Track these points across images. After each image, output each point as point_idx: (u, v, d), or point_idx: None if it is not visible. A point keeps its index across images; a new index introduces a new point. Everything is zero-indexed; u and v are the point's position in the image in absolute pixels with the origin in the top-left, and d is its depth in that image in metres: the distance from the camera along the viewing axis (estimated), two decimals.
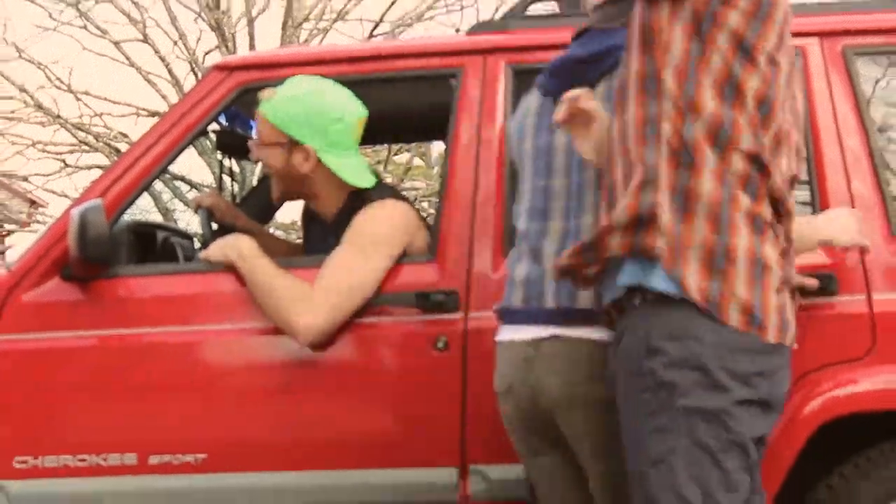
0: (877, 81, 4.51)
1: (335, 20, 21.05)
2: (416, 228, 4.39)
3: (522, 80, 4.40)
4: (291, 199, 4.67)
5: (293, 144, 4.41)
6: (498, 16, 5.02)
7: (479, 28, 4.83)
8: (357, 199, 4.43)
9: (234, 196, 5.82)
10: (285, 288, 4.19)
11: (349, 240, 4.28)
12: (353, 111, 4.47)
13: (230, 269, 4.26)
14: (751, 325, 2.99)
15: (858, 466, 4.12)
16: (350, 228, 4.31)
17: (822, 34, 4.45)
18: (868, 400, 4.14)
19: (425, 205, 21.92)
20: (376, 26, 21.01)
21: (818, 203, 4.33)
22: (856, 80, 4.38)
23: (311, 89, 4.43)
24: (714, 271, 2.99)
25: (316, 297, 4.16)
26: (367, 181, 4.47)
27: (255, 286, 4.20)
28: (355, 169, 4.49)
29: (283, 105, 4.40)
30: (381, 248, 4.26)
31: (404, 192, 4.82)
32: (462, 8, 21.50)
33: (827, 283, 4.10)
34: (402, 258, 4.31)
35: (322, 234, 4.57)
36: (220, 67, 4.77)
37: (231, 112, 4.87)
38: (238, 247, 4.25)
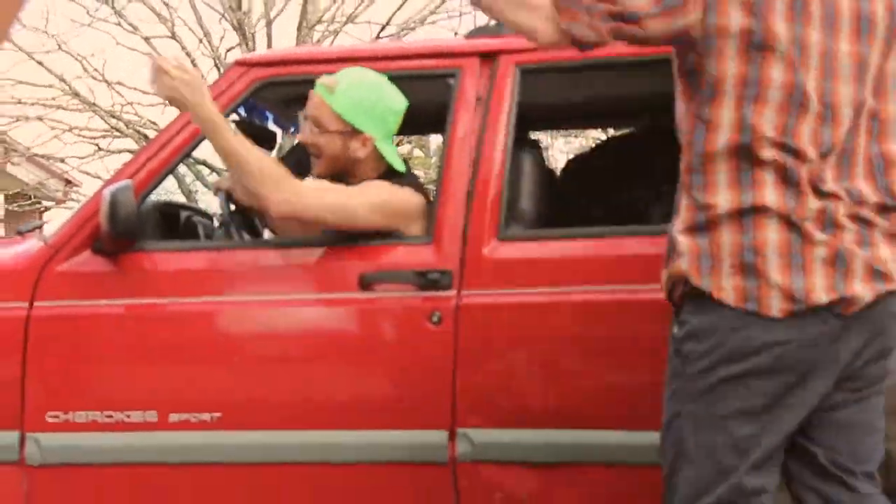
0: None
1: (345, 23, 21.03)
2: (415, 217, 4.39)
3: (511, 77, 4.45)
4: (330, 178, 4.59)
5: (354, 132, 4.40)
6: (494, 22, 4.97)
7: (476, 33, 4.82)
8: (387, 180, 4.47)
9: None
10: (270, 164, 4.29)
11: (365, 184, 4.36)
12: (402, 102, 4.49)
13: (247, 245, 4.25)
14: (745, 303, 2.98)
15: None
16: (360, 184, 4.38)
17: None
18: None
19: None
20: (383, 29, 20.98)
21: None
22: None
23: (373, 83, 4.46)
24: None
25: (303, 189, 4.25)
26: (402, 167, 4.51)
27: (227, 149, 4.24)
28: (396, 156, 4.54)
29: (348, 96, 4.39)
30: (373, 205, 4.28)
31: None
32: (461, 14, 21.58)
33: None
34: (404, 239, 4.32)
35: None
36: (240, 63, 4.79)
37: (249, 104, 4.87)
38: (201, 91, 4.18)
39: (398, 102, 4.46)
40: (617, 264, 4.17)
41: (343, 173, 4.50)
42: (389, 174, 4.45)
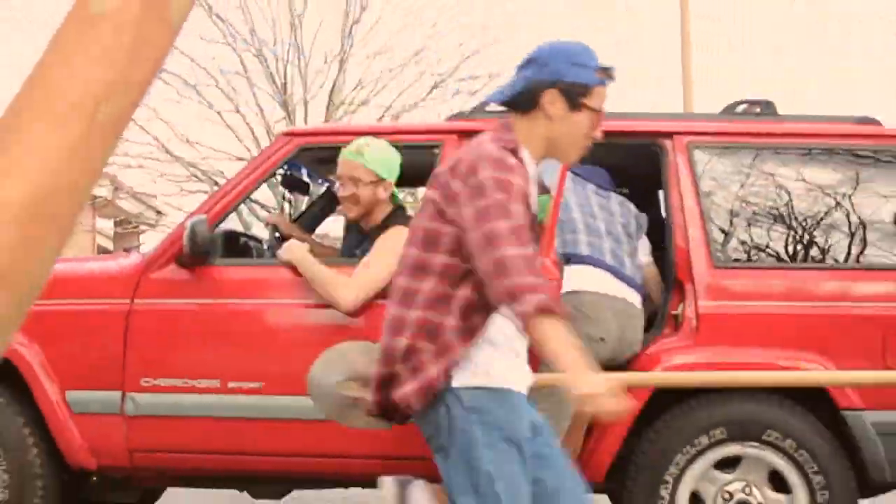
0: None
1: (360, 105, 21.11)
2: None
3: None
4: (360, 219, 4.62)
5: (380, 181, 4.45)
6: (467, 109, 5.09)
7: (454, 117, 4.90)
8: (386, 220, 4.48)
9: (290, 215, 5.88)
10: (328, 274, 4.25)
11: (375, 249, 4.33)
12: (400, 160, 4.57)
13: (291, 264, 4.32)
14: None
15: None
16: (377, 242, 4.37)
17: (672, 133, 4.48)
18: None
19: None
20: (387, 110, 21.07)
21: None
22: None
23: (387, 146, 4.51)
24: None
25: (354, 283, 4.22)
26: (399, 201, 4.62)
27: (306, 274, 4.26)
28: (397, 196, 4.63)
29: (376, 156, 4.44)
30: (392, 256, 4.28)
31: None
32: (445, 102, 21.37)
33: None
34: None
35: (358, 240, 4.62)
36: (286, 134, 4.84)
37: (292, 163, 4.91)
38: (293, 250, 4.32)
39: (396, 155, 4.51)
40: None
41: (366, 213, 4.57)
42: (394, 210, 4.54)
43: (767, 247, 4.40)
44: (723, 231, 4.38)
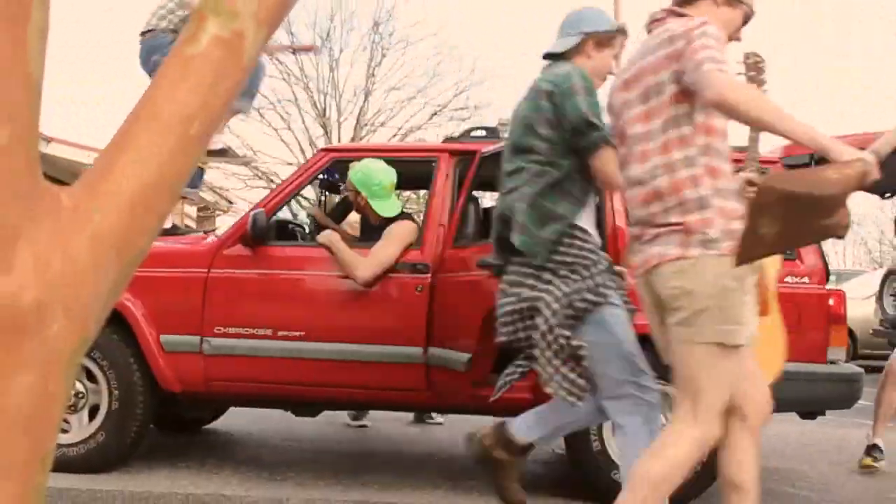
0: None
1: (379, 126, 21.41)
2: (415, 235, 4.41)
3: (464, 163, 4.49)
4: (363, 215, 4.75)
5: (357, 192, 4.52)
6: (458, 132, 5.12)
7: (447, 140, 4.89)
8: (388, 221, 4.48)
9: (324, 208, 5.87)
10: (352, 256, 4.24)
11: (384, 237, 4.34)
12: (384, 179, 4.51)
13: (326, 246, 4.31)
14: None
15: None
16: (384, 233, 4.37)
17: None
18: None
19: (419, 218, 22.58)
20: (399, 130, 21.35)
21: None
22: None
23: (363, 166, 4.53)
24: None
25: (368, 263, 4.22)
26: (389, 212, 4.52)
27: (337, 255, 4.25)
28: (385, 207, 4.53)
29: (354, 175, 4.53)
30: (396, 243, 4.31)
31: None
32: (442, 126, 21.67)
33: None
34: (408, 247, 4.34)
35: (370, 232, 4.59)
36: (323, 150, 4.82)
37: (328, 170, 4.91)
38: (327, 236, 4.32)
39: (378, 179, 4.49)
40: None
41: (359, 211, 4.69)
42: (393, 218, 4.50)
43: None
44: None
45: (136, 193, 0.78)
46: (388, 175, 4.54)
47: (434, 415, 6.17)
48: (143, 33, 4.98)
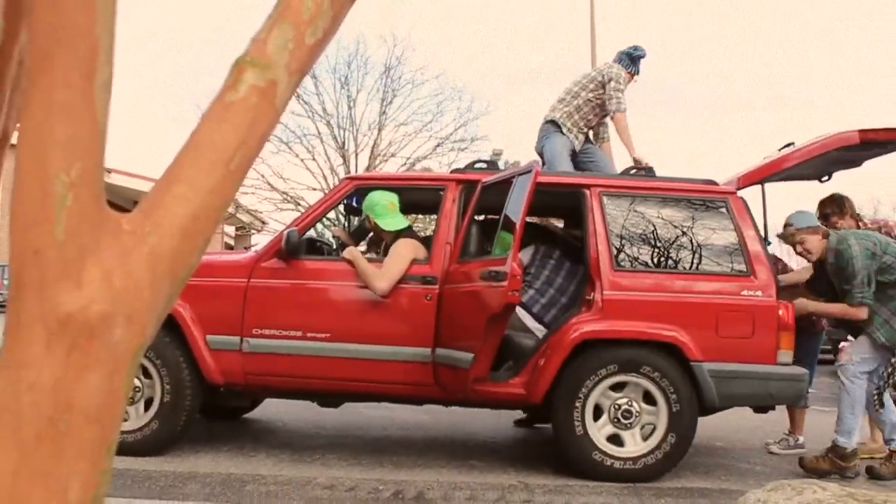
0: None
1: (391, 156, 21.68)
2: (420, 251, 4.40)
3: (468, 190, 4.45)
4: (376, 235, 4.75)
5: (368, 217, 4.56)
6: (459, 161, 5.12)
7: (454, 171, 4.84)
8: (397, 236, 4.47)
9: (347, 229, 5.87)
10: (372, 270, 4.24)
11: (392, 253, 4.34)
12: (381, 199, 4.52)
13: (349, 261, 4.31)
14: None
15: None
16: (391, 248, 4.37)
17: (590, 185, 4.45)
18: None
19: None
20: (408, 160, 21.57)
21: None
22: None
23: (368, 195, 4.57)
24: None
25: (385, 276, 4.22)
26: (392, 227, 4.51)
27: (358, 269, 4.25)
28: (388, 223, 4.52)
29: (366, 205, 4.56)
30: (404, 258, 4.30)
31: (420, 233, 4.90)
32: (444, 155, 21.90)
33: None
34: (415, 261, 4.32)
35: (382, 249, 4.62)
36: (347, 178, 4.82)
37: (350, 196, 4.90)
38: (352, 252, 4.33)
39: (375, 199, 4.51)
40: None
41: (375, 233, 4.72)
42: (397, 234, 4.48)
43: (639, 258, 4.36)
44: (617, 248, 4.35)
45: (186, 219, 0.79)
46: (386, 196, 4.55)
47: None
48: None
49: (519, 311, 4.59)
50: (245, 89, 0.81)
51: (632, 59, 5.45)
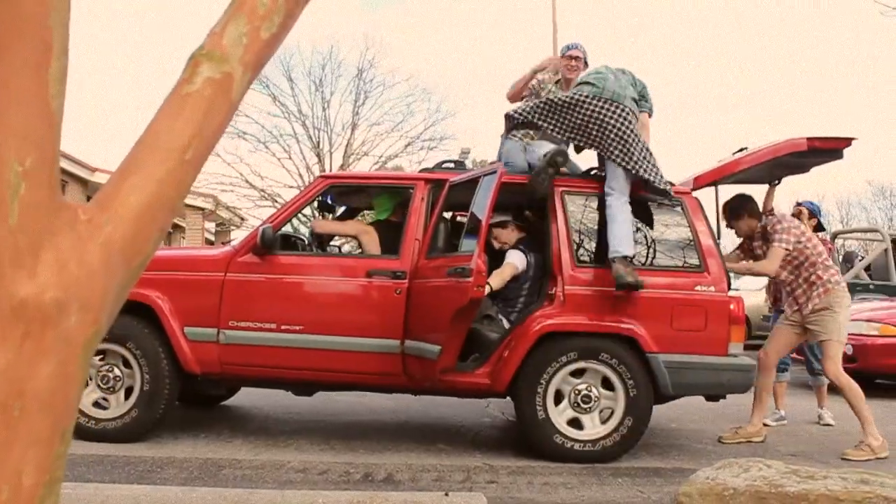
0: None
1: (364, 155, 21.68)
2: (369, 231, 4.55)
3: (436, 189, 4.41)
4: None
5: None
6: (432, 164, 5.07)
7: (423, 170, 4.81)
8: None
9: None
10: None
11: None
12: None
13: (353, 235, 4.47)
14: None
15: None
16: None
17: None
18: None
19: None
20: (379, 158, 21.64)
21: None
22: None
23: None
24: None
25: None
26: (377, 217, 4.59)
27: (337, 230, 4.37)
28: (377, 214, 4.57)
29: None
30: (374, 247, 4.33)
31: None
32: (414, 153, 21.94)
33: None
34: (386, 256, 4.29)
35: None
36: (321, 176, 4.77)
37: (324, 193, 4.81)
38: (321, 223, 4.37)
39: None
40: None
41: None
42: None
43: (599, 255, 4.31)
44: (577, 244, 4.35)
45: (141, 208, 0.77)
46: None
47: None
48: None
49: None
50: (200, 82, 0.79)
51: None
